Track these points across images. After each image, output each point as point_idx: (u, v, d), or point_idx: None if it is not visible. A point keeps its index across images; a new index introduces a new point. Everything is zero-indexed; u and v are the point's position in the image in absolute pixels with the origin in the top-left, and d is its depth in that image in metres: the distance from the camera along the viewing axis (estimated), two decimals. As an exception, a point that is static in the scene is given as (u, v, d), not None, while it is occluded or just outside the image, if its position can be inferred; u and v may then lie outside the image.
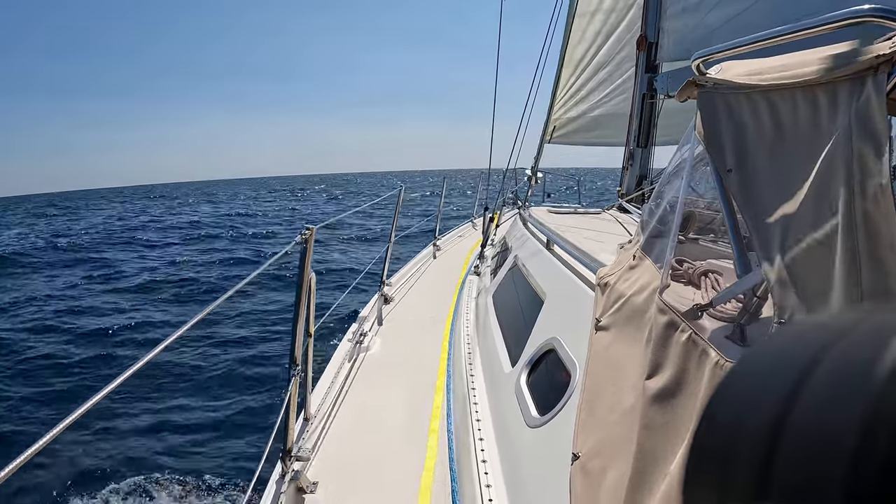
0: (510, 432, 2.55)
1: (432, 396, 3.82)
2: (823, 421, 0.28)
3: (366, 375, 4.18)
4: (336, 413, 3.58)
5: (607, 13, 6.66)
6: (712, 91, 1.51)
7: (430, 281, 7.11)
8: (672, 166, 2.04)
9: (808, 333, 0.33)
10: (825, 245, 0.98)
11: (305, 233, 2.72)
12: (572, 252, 3.01)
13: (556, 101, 7.27)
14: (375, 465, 3.08)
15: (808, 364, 0.30)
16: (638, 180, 5.62)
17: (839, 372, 0.29)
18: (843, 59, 1.04)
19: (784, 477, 0.28)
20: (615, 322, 1.85)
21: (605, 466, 1.52)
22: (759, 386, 0.33)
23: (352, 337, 4.76)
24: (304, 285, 2.76)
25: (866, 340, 0.29)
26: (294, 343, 2.79)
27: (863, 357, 0.28)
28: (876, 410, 0.26)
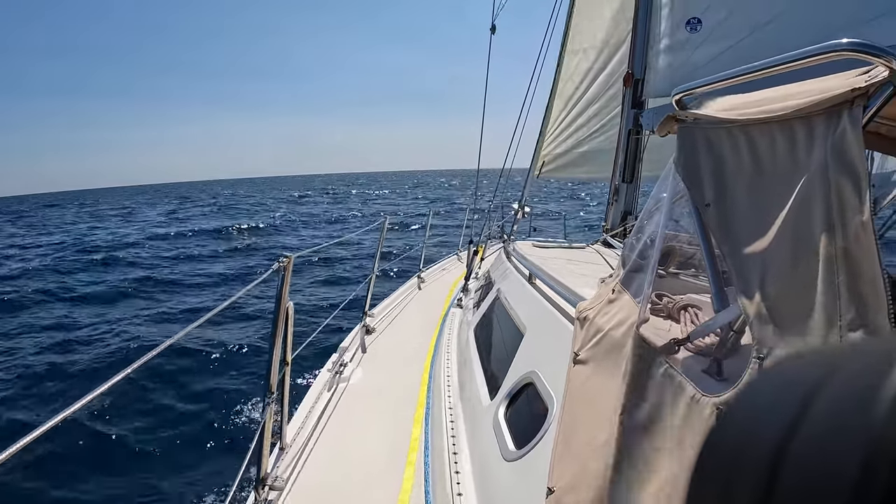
0: (487, 466, 2.52)
1: (410, 428, 3.77)
2: (824, 452, 0.27)
3: (344, 406, 4.13)
4: (312, 442, 3.52)
5: (599, 50, 6.74)
6: (692, 126, 1.51)
7: (413, 313, 7.07)
8: (652, 201, 2.04)
9: (807, 365, 0.34)
10: (804, 279, 0.97)
11: (283, 260, 2.70)
12: (553, 286, 3.00)
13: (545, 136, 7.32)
14: (351, 496, 3.02)
15: (809, 395, 0.30)
16: (623, 215, 5.64)
17: (840, 403, 0.29)
18: (820, 93, 1.04)
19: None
20: (593, 356, 1.83)
21: (580, 501, 1.49)
22: (759, 417, 0.33)
23: (331, 367, 4.72)
24: (282, 314, 2.73)
25: (866, 372, 0.29)
26: (270, 371, 2.75)
27: (863, 388, 0.28)
28: (877, 442, 0.26)
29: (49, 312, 14.59)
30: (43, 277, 19.18)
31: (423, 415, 3.81)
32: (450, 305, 6.85)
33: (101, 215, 56.23)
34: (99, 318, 13.77)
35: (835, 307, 0.92)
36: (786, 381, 0.33)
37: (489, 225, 8.83)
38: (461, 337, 4.94)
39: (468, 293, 6.57)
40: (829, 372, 0.30)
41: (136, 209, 63.97)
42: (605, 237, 5.34)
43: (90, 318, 13.80)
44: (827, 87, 1.05)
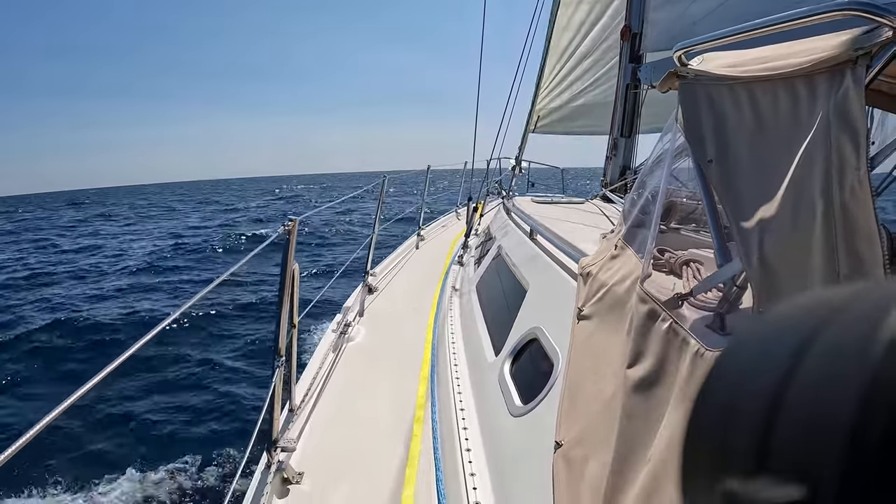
0: (494, 421, 2.56)
1: (417, 386, 3.82)
2: (820, 397, 0.28)
3: (350, 365, 4.18)
4: (321, 403, 3.57)
5: (592, 2, 6.64)
6: (693, 82, 1.51)
7: (414, 271, 7.09)
8: (654, 157, 2.05)
9: (803, 310, 0.33)
10: (804, 236, 0.99)
11: (288, 224, 2.70)
12: (555, 242, 3.01)
13: (540, 91, 7.26)
14: (361, 455, 3.08)
15: (804, 340, 0.30)
16: (621, 170, 5.64)
17: (835, 348, 0.29)
18: (823, 51, 1.05)
19: (782, 455, 0.28)
20: (597, 311, 1.86)
21: (587, 454, 1.53)
22: (754, 363, 0.33)
23: (336, 327, 4.75)
24: (288, 277, 2.74)
25: (862, 315, 0.29)
26: (278, 335, 2.77)
27: (859, 332, 0.28)
28: (873, 386, 0.26)
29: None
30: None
31: (429, 372, 3.84)
32: (450, 263, 6.86)
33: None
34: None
35: (832, 262, 0.94)
36: (780, 328, 0.33)
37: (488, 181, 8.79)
38: (463, 294, 4.96)
39: (469, 250, 6.58)
40: (825, 317, 0.30)
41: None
42: (605, 192, 5.34)
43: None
44: (830, 45, 1.06)
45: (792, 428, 0.28)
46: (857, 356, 0.27)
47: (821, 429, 0.27)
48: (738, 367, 0.34)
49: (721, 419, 0.33)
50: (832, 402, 0.27)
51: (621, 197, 4.84)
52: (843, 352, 0.28)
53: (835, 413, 0.27)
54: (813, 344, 0.30)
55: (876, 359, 0.27)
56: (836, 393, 0.27)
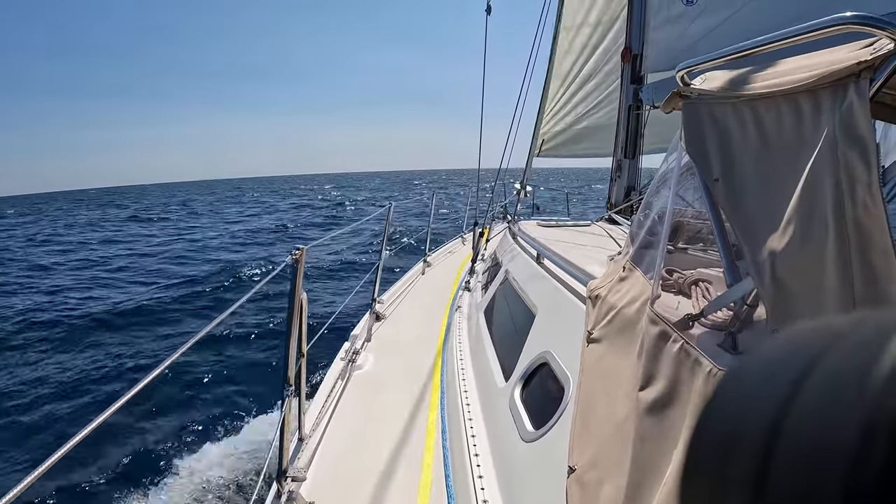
0: (505, 447, 2.54)
1: (427, 413, 3.80)
2: (819, 428, 0.27)
3: (359, 393, 4.16)
4: (331, 432, 3.55)
5: (594, 26, 6.70)
6: (697, 101, 1.51)
7: (422, 298, 7.09)
8: (659, 177, 2.05)
9: (802, 338, 0.33)
10: (816, 252, 0.98)
11: (296, 253, 2.71)
12: (562, 265, 3.01)
13: (544, 115, 7.29)
14: (371, 483, 3.05)
15: (803, 370, 0.30)
16: (626, 191, 5.64)
17: (835, 377, 0.28)
18: (825, 66, 1.05)
19: (780, 485, 0.28)
20: (607, 334, 1.85)
21: (601, 478, 1.51)
22: (753, 393, 0.32)
23: (344, 355, 4.74)
24: (296, 305, 2.74)
25: (861, 344, 0.29)
26: (287, 363, 2.77)
27: (858, 362, 0.28)
28: (873, 416, 0.26)
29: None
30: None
31: (439, 399, 3.83)
32: (458, 288, 6.86)
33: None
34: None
35: (847, 277, 0.93)
36: (780, 355, 0.33)
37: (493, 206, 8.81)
38: (471, 320, 4.95)
39: (476, 275, 6.58)
40: (828, 344, 0.30)
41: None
42: (610, 214, 5.34)
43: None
44: (832, 60, 1.06)
45: (791, 457, 0.28)
46: (858, 384, 0.27)
47: (820, 459, 0.27)
48: (739, 392, 0.34)
49: (719, 448, 0.33)
50: (832, 431, 0.27)
51: (626, 218, 4.84)
52: (844, 379, 0.28)
53: (835, 442, 0.26)
54: (813, 372, 0.29)
55: (877, 387, 0.26)
56: (837, 421, 0.27)
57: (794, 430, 0.28)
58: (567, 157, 7.84)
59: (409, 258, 12.26)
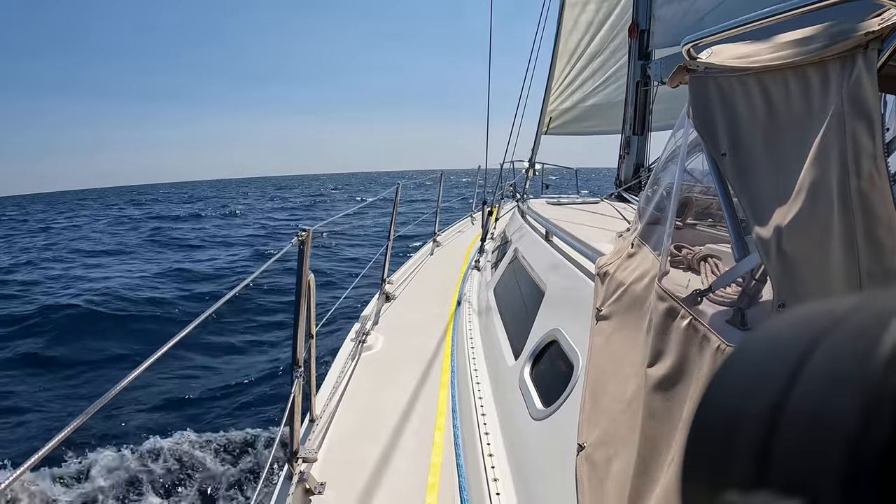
0: (515, 425, 2.55)
1: (437, 393, 3.81)
2: (822, 406, 0.27)
3: (370, 374, 4.18)
4: (341, 413, 3.57)
5: (599, 2, 6.63)
6: (704, 75, 1.50)
7: (431, 277, 7.09)
8: (667, 152, 2.04)
9: (805, 319, 0.33)
10: (822, 226, 0.98)
11: (302, 234, 2.70)
12: (571, 242, 3.00)
13: (551, 93, 7.25)
14: (382, 463, 3.07)
15: (807, 349, 0.30)
16: (635, 168, 5.61)
17: (837, 357, 0.29)
18: (833, 37, 1.04)
19: (783, 463, 0.28)
20: (615, 311, 1.85)
21: (611, 456, 1.52)
22: (756, 372, 0.33)
23: (354, 336, 4.75)
24: (304, 286, 2.75)
25: (864, 324, 0.29)
26: (296, 345, 2.78)
27: (861, 341, 0.28)
28: (875, 395, 0.26)
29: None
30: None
31: (449, 378, 3.84)
32: (467, 268, 6.86)
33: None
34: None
35: (852, 251, 0.93)
36: (780, 339, 0.33)
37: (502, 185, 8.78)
38: (481, 298, 4.96)
39: (485, 254, 6.57)
40: (825, 328, 0.30)
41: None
42: (619, 191, 5.31)
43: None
44: (839, 31, 1.04)
45: (791, 441, 0.28)
46: (858, 368, 0.27)
47: (820, 442, 0.27)
48: (743, 370, 0.34)
49: (719, 432, 0.33)
50: (832, 415, 0.27)
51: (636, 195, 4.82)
52: (843, 363, 0.28)
53: (834, 426, 0.26)
54: (812, 355, 0.30)
55: (877, 371, 0.26)
56: (836, 405, 0.27)
57: (796, 410, 0.28)
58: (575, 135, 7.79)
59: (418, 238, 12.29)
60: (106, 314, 12.38)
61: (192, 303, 13.38)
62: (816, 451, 0.27)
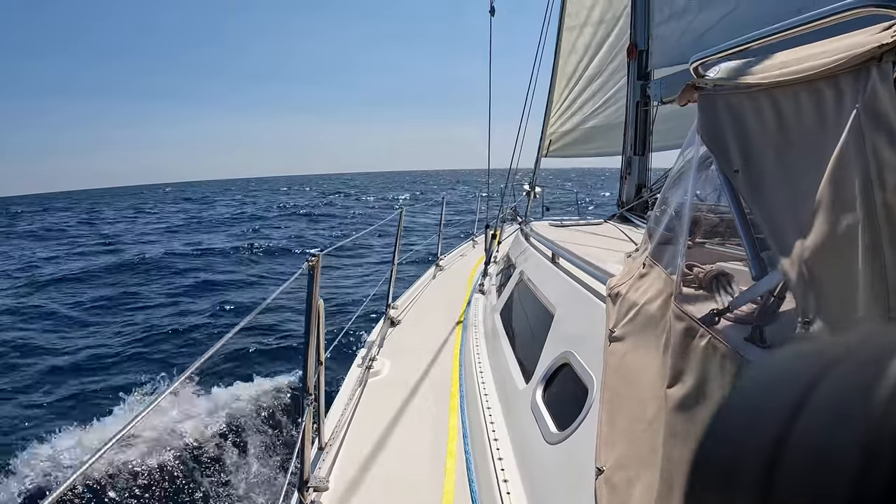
0: (529, 450, 2.52)
1: (447, 417, 3.79)
2: (825, 441, 0.28)
3: (378, 400, 4.15)
4: (350, 439, 3.54)
5: (596, 25, 6.69)
6: (713, 93, 1.50)
7: (436, 301, 7.08)
8: (675, 172, 2.03)
9: (810, 353, 0.33)
10: (846, 240, 0.96)
11: (311, 259, 2.69)
12: (579, 264, 2.99)
13: (550, 116, 7.28)
14: (394, 491, 3.03)
15: (811, 383, 0.30)
16: (637, 189, 5.62)
17: (841, 392, 0.29)
18: (845, 50, 1.03)
19: (785, 496, 0.28)
20: (630, 332, 1.84)
21: (632, 478, 1.50)
22: (761, 405, 0.33)
23: (361, 362, 4.73)
24: (314, 313, 2.73)
25: (868, 361, 0.29)
26: (306, 372, 2.76)
27: (865, 378, 0.28)
28: (878, 431, 0.26)
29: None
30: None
31: (458, 403, 3.82)
32: (472, 291, 6.86)
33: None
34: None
35: (879, 265, 0.91)
36: (787, 372, 0.33)
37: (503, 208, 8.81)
38: (487, 322, 4.94)
39: (489, 278, 6.57)
40: (831, 362, 0.30)
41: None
42: (621, 211, 5.32)
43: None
44: (850, 44, 1.04)
45: (793, 475, 0.28)
46: (862, 400, 0.27)
47: (822, 477, 0.27)
48: (748, 403, 0.35)
49: (723, 463, 0.33)
50: (835, 446, 0.27)
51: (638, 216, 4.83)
52: (848, 396, 0.28)
53: (838, 456, 0.27)
54: (816, 389, 0.30)
55: (879, 406, 0.26)
56: (842, 436, 0.27)
57: (800, 443, 0.29)
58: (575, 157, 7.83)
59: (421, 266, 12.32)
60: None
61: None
62: (820, 485, 0.27)
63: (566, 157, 7.76)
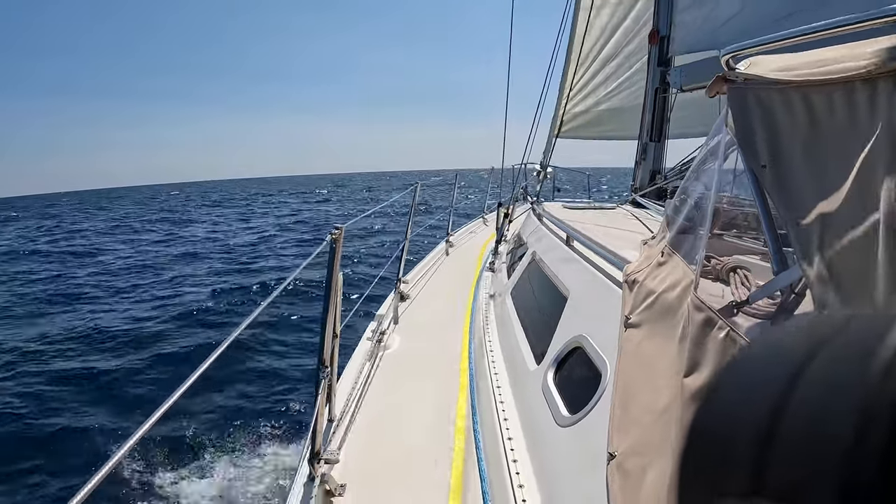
0: (540, 431, 2.54)
1: (456, 395, 3.80)
2: (820, 414, 0.28)
3: (387, 375, 4.17)
4: (360, 414, 3.56)
5: (614, 6, 6.63)
6: (743, 87, 1.50)
7: (446, 278, 7.09)
8: (698, 162, 2.04)
9: (804, 329, 0.34)
10: (866, 242, 0.98)
11: (335, 232, 2.69)
12: (594, 248, 2.98)
13: (564, 96, 7.25)
14: (403, 466, 3.07)
15: (805, 357, 0.31)
16: (651, 175, 5.60)
17: (837, 363, 0.29)
18: (883, 55, 1.04)
19: (779, 470, 0.29)
20: (646, 319, 1.85)
21: (645, 465, 1.52)
22: (755, 380, 0.33)
23: (371, 336, 4.74)
24: (333, 286, 2.74)
25: (862, 333, 0.29)
26: (322, 344, 2.76)
27: (860, 349, 0.28)
28: (872, 403, 0.26)
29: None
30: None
31: (468, 381, 3.83)
32: (482, 269, 6.87)
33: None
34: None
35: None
36: (783, 345, 0.34)
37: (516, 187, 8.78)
38: (497, 301, 4.95)
39: (499, 256, 6.57)
40: (827, 335, 0.31)
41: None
42: (635, 197, 5.30)
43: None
44: (888, 48, 1.05)
45: (788, 448, 0.29)
46: (857, 371, 0.28)
47: (818, 446, 0.27)
48: (742, 379, 0.35)
49: (718, 436, 0.34)
50: (830, 420, 0.27)
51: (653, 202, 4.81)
52: (844, 367, 0.29)
53: (834, 429, 0.27)
54: (814, 360, 0.30)
55: (876, 373, 0.27)
56: (835, 410, 0.27)
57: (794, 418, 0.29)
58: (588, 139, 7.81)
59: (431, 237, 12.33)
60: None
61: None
62: (813, 459, 0.27)
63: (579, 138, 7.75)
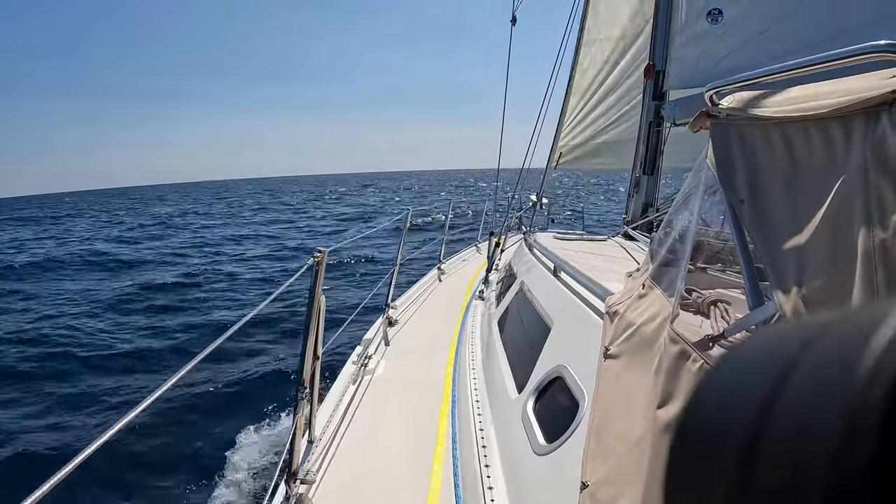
0: (517, 459, 2.53)
1: (437, 421, 3.79)
2: (804, 421, 0.27)
3: (370, 398, 4.16)
4: (340, 436, 3.55)
5: (616, 41, 6.72)
6: (725, 122, 1.51)
7: (435, 304, 7.09)
8: (682, 196, 2.05)
9: (787, 333, 0.33)
10: (842, 277, 0.98)
11: (317, 255, 2.72)
12: (580, 279, 3.00)
13: (563, 128, 7.30)
14: (380, 490, 3.05)
15: (789, 363, 0.30)
16: (643, 208, 5.62)
17: (823, 366, 0.28)
18: (858, 92, 1.05)
19: (764, 479, 0.28)
20: (625, 351, 1.85)
21: (615, 496, 1.51)
22: (737, 387, 0.32)
23: (356, 359, 4.74)
24: (315, 307, 2.75)
25: (847, 338, 0.29)
26: (303, 365, 2.77)
27: (844, 354, 0.28)
28: (857, 409, 0.26)
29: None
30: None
31: (450, 408, 3.82)
32: (471, 297, 6.87)
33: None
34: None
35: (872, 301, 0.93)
36: (766, 350, 0.33)
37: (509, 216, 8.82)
38: (484, 329, 4.95)
39: (490, 285, 6.57)
40: (812, 339, 0.30)
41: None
42: (627, 229, 5.32)
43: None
44: (863, 86, 1.05)
45: (775, 452, 0.28)
46: (845, 373, 0.27)
47: (804, 454, 0.27)
48: (724, 385, 0.34)
49: (704, 439, 0.33)
50: (816, 425, 0.27)
51: (644, 234, 4.83)
52: (831, 369, 0.28)
53: (818, 436, 0.26)
54: (799, 364, 0.29)
55: (860, 381, 0.26)
56: (821, 415, 0.27)
57: (777, 425, 0.28)
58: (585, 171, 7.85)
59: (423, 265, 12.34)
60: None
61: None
62: (799, 466, 0.26)
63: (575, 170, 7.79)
